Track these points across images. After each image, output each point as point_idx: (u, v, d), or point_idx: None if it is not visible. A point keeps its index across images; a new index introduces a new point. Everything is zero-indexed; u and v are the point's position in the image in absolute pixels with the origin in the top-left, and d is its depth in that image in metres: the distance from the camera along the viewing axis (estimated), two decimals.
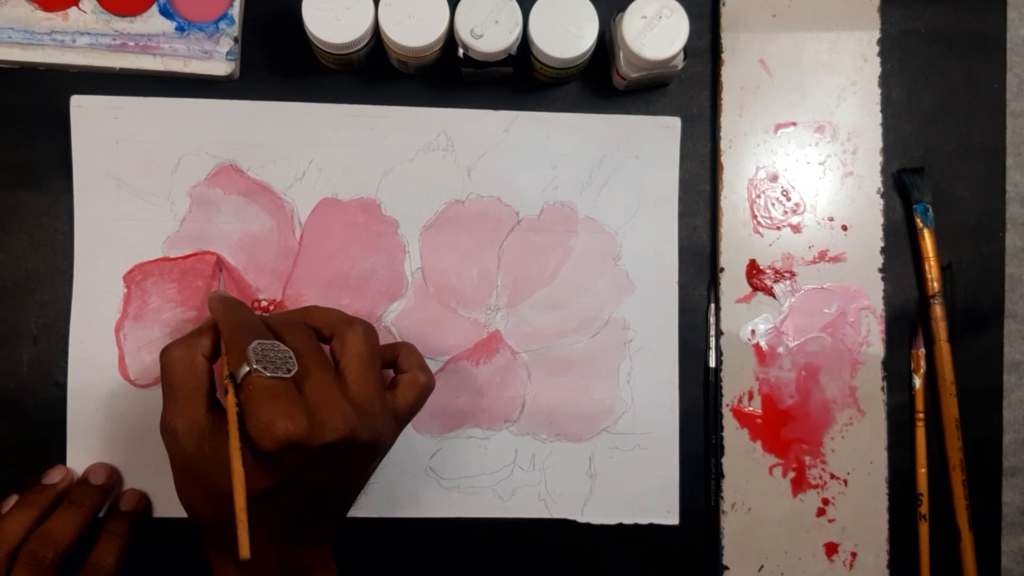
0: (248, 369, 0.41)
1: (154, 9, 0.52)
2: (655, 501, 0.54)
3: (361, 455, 0.44)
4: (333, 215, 0.53)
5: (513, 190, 0.54)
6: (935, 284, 0.54)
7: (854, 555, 0.53)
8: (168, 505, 0.52)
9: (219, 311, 0.45)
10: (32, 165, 0.53)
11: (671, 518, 0.54)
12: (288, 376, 0.42)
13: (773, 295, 0.54)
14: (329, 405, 0.42)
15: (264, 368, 0.41)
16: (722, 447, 0.54)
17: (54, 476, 0.50)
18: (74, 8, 0.52)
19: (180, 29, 0.52)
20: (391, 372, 0.48)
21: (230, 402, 0.41)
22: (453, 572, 0.54)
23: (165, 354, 0.44)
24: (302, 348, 0.44)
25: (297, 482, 0.42)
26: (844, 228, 0.54)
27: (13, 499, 0.49)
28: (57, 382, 0.52)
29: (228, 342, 0.43)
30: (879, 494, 0.54)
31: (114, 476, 0.51)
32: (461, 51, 0.50)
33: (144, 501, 0.52)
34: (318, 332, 0.46)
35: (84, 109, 0.52)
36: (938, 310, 0.54)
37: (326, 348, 0.46)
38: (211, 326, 0.45)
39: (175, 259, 0.53)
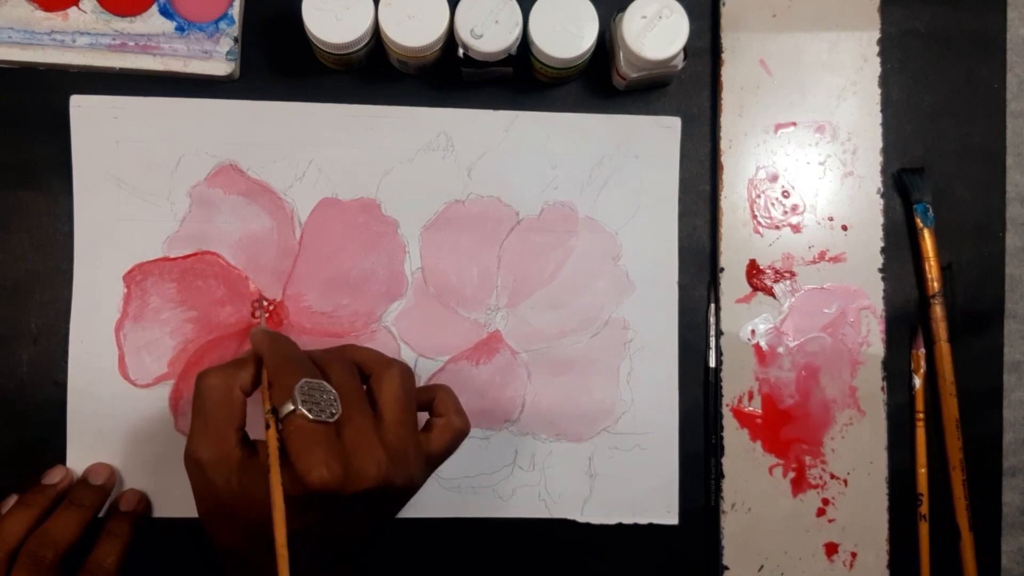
0: (292, 408, 0.41)
1: (154, 9, 0.52)
2: (655, 501, 0.54)
3: (393, 499, 0.44)
4: (333, 215, 0.53)
5: (513, 190, 0.54)
6: (935, 284, 0.54)
7: (854, 555, 0.53)
8: (168, 505, 0.52)
9: (263, 343, 0.45)
10: (32, 165, 0.53)
11: (671, 518, 0.54)
12: (331, 421, 0.41)
13: (773, 295, 0.54)
14: (366, 452, 0.41)
15: (309, 410, 0.41)
16: (722, 447, 0.54)
17: (54, 476, 0.50)
18: (74, 8, 0.52)
19: (180, 29, 0.52)
20: (425, 414, 0.48)
21: (271, 437, 0.41)
22: (453, 572, 0.54)
23: (202, 380, 0.43)
24: (345, 389, 0.43)
25: (328, 526, 0.42)
26: (844, 228, 0.54)
27: (13, 499, 0.49)
28: (57, 382, 0.52)
29: (273, 375, 0.43)
30: (879, 494, 0.54)
31: (114, 476, 0.51)
32: (461, 51, 0.50)
33: (144, 501, 0.52)
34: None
35: (84, 109, 0.52)
36: (938, 310, 0.54)
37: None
38: (252, 359, 0.44)
39: (175, 259, 0.53)
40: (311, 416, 0.40)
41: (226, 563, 0.44)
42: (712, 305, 0.54)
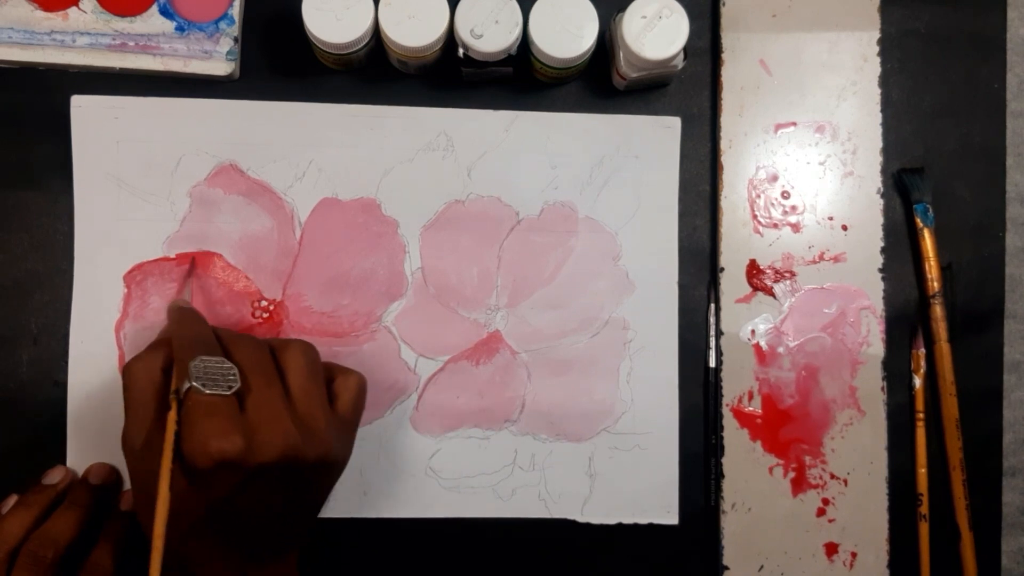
0: (188, 385, 0.41)
1: (154, 9, 0.52)
2: (655, 501, 0.54)
3: (311, 473, 0.43)
4: (333, 215, 0.53)
5: (513, 190, 0.54)
6: (935, 284, 0.54)
7: (854, 555, 0.53)
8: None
9: (172, 324, 0.45)
10: (32, 165, 0.53)
11: (671, 518, 0.54)
12: (228, 393, 0.41)
13: (773, 295, 0.54)
14: (270, 423, 0.41)
15: (204, 385, 0.41)
16: (722, 447, 0.54)
17: (54, 476, 0.50)
18: (74, 8, 0.52)
19: (180, 29, 0.52)
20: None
21: (170, 419, 0.41)
22: (453, 572, 0.54)
23: (127, 369, 0.44)
24: (249, 363, 0.43)
25: (240, 501, 0.42)
26: (844, 228, 0.54)
27: (13, 499, 0.49)
28: (57, 382, 0.52)
29: (176, 357, 0.43)
30: (879, 494, 0.54)
31: (114, 476, 0.51)
32: (461, 51, 0.50)
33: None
34: None
35: (84, 109, 0.52)
36: (938, 310, 0.54)
37: None
38: (167, 339, 0.45)
39: (175, 259, 0.53)
40: (207, 391, 0.41)
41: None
42: (712, 305, 0.54)
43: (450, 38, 0.50)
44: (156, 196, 0.53)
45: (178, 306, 0.48)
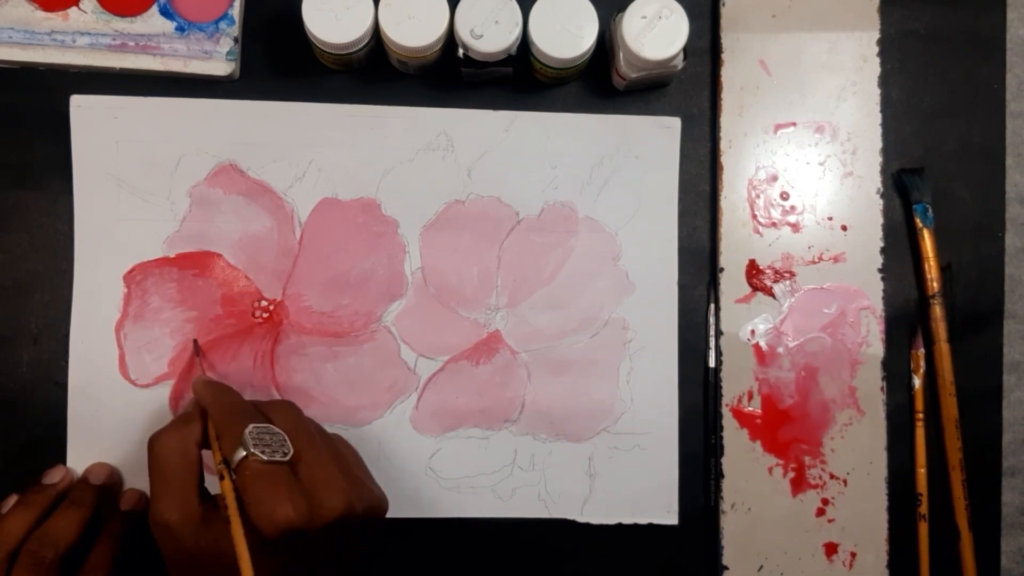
0: (244, 454, 0.41)
1: (154, 9, 0.52)
2: (655, 501, 0.54)
3: (361, 526, 0.44)
4: (333, 215, 0.53)
5: (513, 190, 0.54)
6: (935, 284, 0.54)
7: (854, 555, 0.53)
8: None
9: (207, 395, 0.45)
10: (32, 165, 0.53)
11: (671, 518, 0.54)
12: (285, 460, 0.42)
13: (773, 295, 0.54)
14: (326, 484, 0.42)
15: (261, 452, 0.41)
16: (722, 447, 0.54)
17: (54, 476, 0.50)
18: (74, 8, 0.52)
19: (180, 29, 0.52)
20: None
21: (227, 488, 0.41)
22: (453, 572, 0.54)
23: (156, 443, 0.43)
24: (294, 428, 0.44)
25: (304, 565, 0.42)
26: (844, 228, 0.54)
27: (13, 499, 0.49)
28: (57, 382, 0.52)
29: (220, 426, 0.43)
30: (879, 494, 0.54)
31: (114, 476, 0.51)
32: (461, 51, 0.50)
33: (144, 501, 0.52)
34: None
35: (84, 109, 0.52)
36: (938, 310, 0.54)
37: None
38: (198, 413, 0.45)
39: (175, 259, 0.53)
40: (264, 458, 0.41)
41: None
42: (712, 305, 0.54)
43: (450, 38, 0.50)
44: (156, 196, 0.53)
45: (205, 379, 0.47)
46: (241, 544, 0.39)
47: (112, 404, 0.52)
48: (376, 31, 0.50)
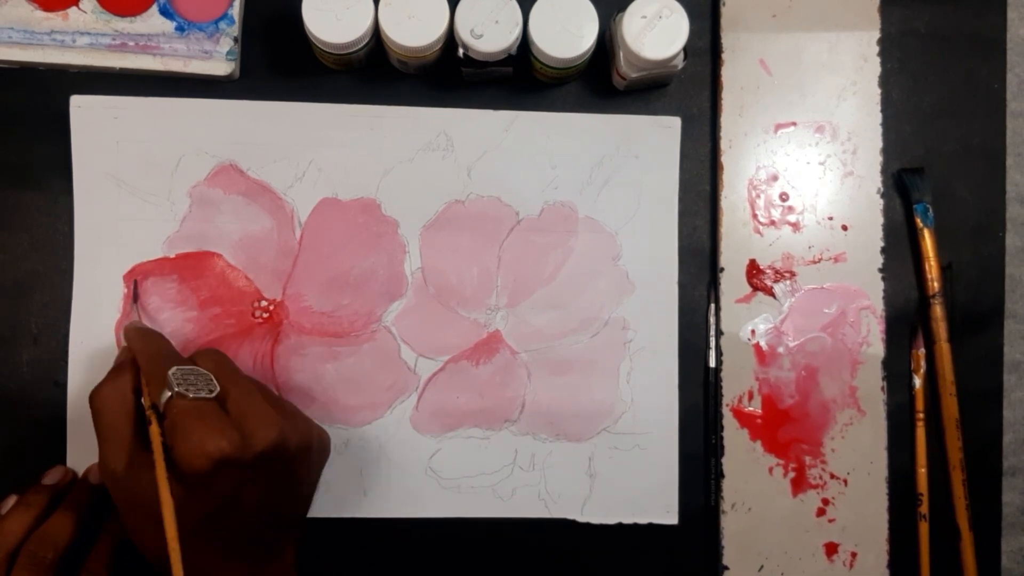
0: (170, 394, 0.41)
1: (154, 9, 0.52)
2: (655, 501, 0.54)
3: (297, 460, 0.44)
4: (333, 215, 0.53)
5: (513, 190, 0.54)
6: (935, 284, 0.54)
7: (854, 555, 0.53)
8: None
9: (135, 342, 0.46)
10: (32, 165, 0.53)
11: (671, 518, 0.54)
12: (211, 396, 0.42)
13: (773, 295, 0.54)
14: (255, 415, 0.42)
15: (187, 391, 0.41)
16: (722, 447, 0.54)
17: (53, 476, 0.50)
18: (74, 8, 0.52)
19: (180, 29, 0.52)
20: None
21: (154, 432, 0.41)
22: (453, 572, 0.54)
23: (96, 397, 0.44)
24: (219, 368, 0.44)
25: (241, 498, 0.42)
26: (844, 228, 0.54)
27: (12, 499, 0.49)
28: (57, 382, 0.52)
29: (148, 372, 0.44)
30: (879, 494, 0.54)
31: None
32: (461, 51, 0.50)
33: None
34: None
35: (84, 109, 0.52)
36: (938, 310, 0.54)
37: None
38: (131, 360, 0.45)
39: (175, 259, 0.53)
40: (190, 395, 0.41)
41: (161, 572, 0.44)
42: (712, 305, 0.54)
43: (450, 38, 0.50)
44: (156, 196, 0.53)
45: (135, 327, 0.48)
46: (163, 484, 0.40)
47: None
48: (376, 31, 0.50)
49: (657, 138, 0.54)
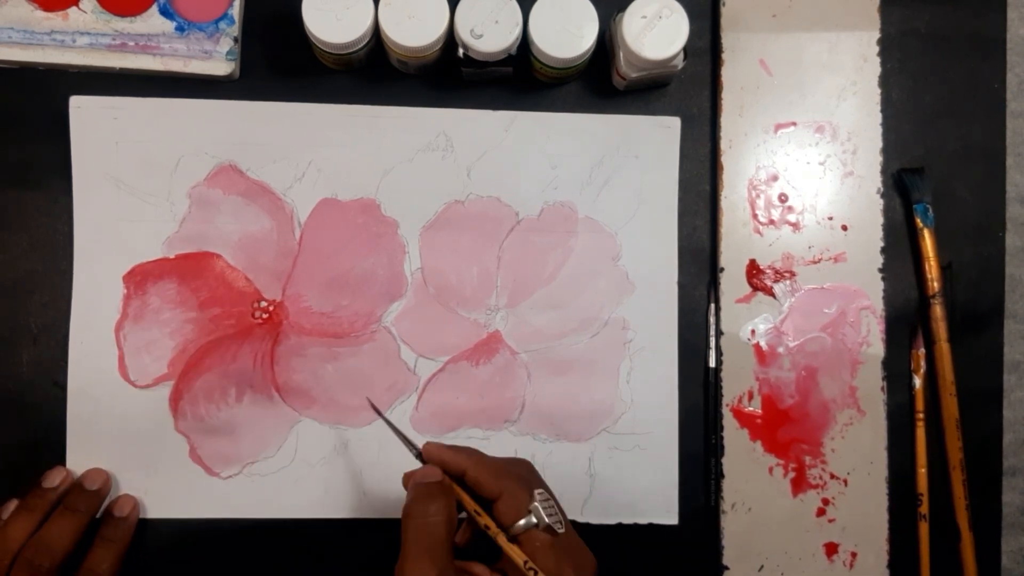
0: (536, 522, 0.42)
1: (154, 9, 0.52)
2: (655, 501, 0.54)
3: None
4: (333, 215, 0.53)
5: (513, 190, 0.54)
6: (935, 284, 0.54)
7: (854, 555, 0.53)
8: (164, 505, 0.52)
9: (466, 460, 0.44)
10: (32, 165, 0.53)
11: (671, 518, 0.54)
12: (562, 532, 0.42)
13: (773, 295, 0.54)
14: (580, 551, 0.43)
15: (553, 524, 0.42)
16: (722, 447, 0.54)
17: (54, 479, 0.50)
18: (74, 8, 0.52)
19: (180, 29, 0.52)
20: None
21: (516, 552, 0.41)
22: None
23: (423, 514, 0.42)
24: (537, 480, 0.45)
25: None
26: (844, 228, 0.54)
27: (13, 503, 0.49)
28: (57, 382, 0.52)
29: (505, 493, 0.43)
30: (879, 494, 0.54)
31: (109, 482, 0.51)
32: (461, 51, 0.50)
33: (137, 508, 0.51)
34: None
35: (84, 109, 0.52)
36: (938, 310, 0.54)
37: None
38: (450, 484, 0.44)
39: (175, 259, 0.53)
40: (559, 530, 0.42)
41: None
42: (712, 305, 0.54)
43: (450, 38, 0.50)
44: (155, 197, 0.53)
45: (442, 445, 0.46)
46: None
47: (111, 405, 0.52)
48: (376, 31, 0.50)
49: (657, 138, 0.54)
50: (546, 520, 0.42)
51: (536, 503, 0.42)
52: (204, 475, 0.52)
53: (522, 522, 0.42)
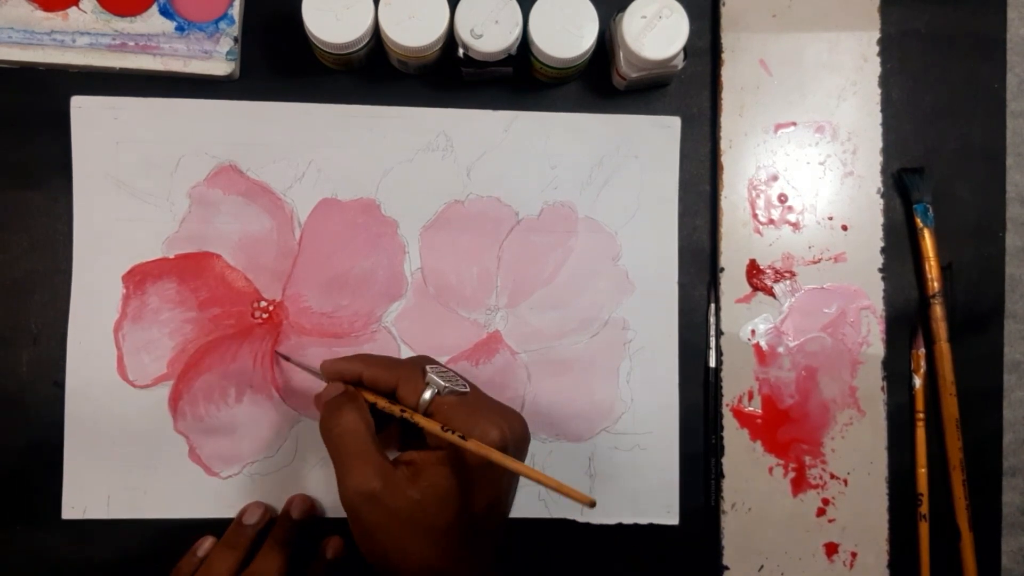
0: (436, 391, 0.42)
1: (154, 9, 0.52)
2: (655, 501, 0.54)
3: (525, 452, 0.45)
4: (333, 215, 0.53)
5: (513, 190, 0.54)
6: (935, 284, 0.54)
7: (854, 555, 0.53)
8: (163, 506, 0.52)
9: (355, 364, 0.45)
10: (32, 165, 0.53)
11: (671, 518, 0.54)
12: (467, 391, 0.43)
13: (773, 295, 0.54)
14: (500, 409, 0.44)
15: (453, 386, 0.43)
16: (722, 447, 0.54)
17: (253, 515, 0.50)
18: (74, 8, 0.52)
19: (180, 29, 0.52)
20: None
21: (432, 423, 0.42)
22: None
23: (334, 426, 0.43)
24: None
25: (507, 493, 0.44)
26: (844, 228, 0.54)
27: (210, 540, 0.50)
28: (57, 382, 0.52)
29: (398, 378, 0.44)
30: (879, 494, 0.54)
31: (316, 508, 0.52)
32: (461, 51, 0.50)
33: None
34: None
35: (84, 109, 0.52)
36: (938, 310, 0.54)
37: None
38: (354, 390, 0.45)
39: (174, 260, 0.53)
40: (460, 390, 0.43)
41: None
42: (712, 305, 0.54)
43: (450, 38, 0.50)
44: (155, 197, 0.53)
45: (336, 359, 0.46)
46: (494, 453, 0.40)
47: (110, 405, 0.52)
48: (376, 31, 0.50)
49: (657, 138, 0.54)
50: (444, 384, 0.43)
51: (431, 375, 0.43)
52: (204, 475, 0.52)
53: (427, 395, 0.43)
